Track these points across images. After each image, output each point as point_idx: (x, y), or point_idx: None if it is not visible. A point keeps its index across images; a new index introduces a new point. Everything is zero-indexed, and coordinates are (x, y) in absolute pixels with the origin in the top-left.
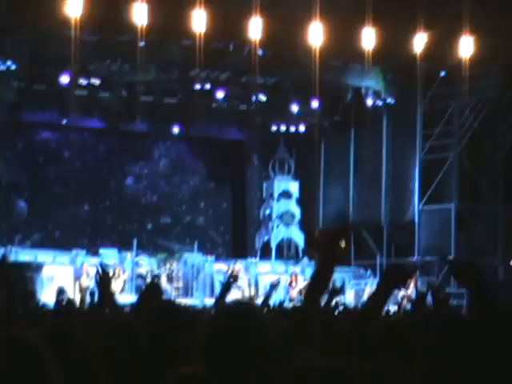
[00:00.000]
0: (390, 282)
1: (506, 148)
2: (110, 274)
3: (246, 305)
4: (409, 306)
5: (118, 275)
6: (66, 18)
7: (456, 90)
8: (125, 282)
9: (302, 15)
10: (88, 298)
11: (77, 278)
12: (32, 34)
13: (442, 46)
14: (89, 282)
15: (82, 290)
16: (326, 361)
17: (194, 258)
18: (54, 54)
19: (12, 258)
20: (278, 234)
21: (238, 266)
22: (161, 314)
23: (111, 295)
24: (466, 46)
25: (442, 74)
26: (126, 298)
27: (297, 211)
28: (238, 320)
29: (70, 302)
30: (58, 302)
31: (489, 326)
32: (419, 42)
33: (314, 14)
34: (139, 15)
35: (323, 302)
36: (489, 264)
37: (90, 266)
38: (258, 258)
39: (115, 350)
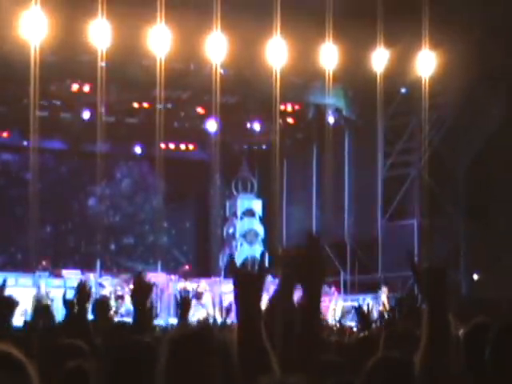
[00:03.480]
0: None
1: (466, 163)
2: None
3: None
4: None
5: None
6: (25, 41)
7: (416, 106)
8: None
9: (263, 34)
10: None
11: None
12: None
13: (403, 63)
14: (49, 302)
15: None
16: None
17: (157, 277)
18: (13, 76)
19: None
20: (242, 252)
21: (203, 284)
22: None
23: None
24: (425, 63)
25: (403, 90)
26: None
27: (260, 229)
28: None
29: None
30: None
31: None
32: (380, 59)
33: (275, 33)
34: (99, 36)
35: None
36: (452, 279)
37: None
38: (222, 277)
39: None
